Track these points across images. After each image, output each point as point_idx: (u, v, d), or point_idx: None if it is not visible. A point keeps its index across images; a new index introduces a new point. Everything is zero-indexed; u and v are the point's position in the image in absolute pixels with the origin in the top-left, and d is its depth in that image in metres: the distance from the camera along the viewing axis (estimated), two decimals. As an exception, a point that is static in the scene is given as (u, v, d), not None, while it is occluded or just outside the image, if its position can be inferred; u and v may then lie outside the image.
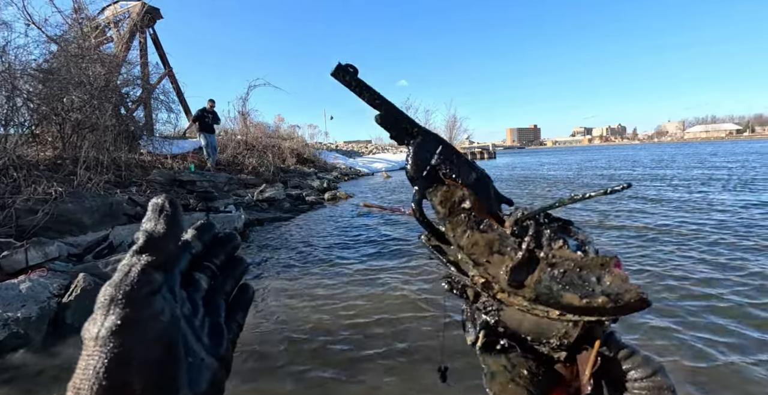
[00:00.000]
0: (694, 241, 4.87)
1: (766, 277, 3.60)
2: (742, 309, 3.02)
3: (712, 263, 4.08)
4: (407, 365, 2.52)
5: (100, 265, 3.82)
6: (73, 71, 6.67)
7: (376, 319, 3.20)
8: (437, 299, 3.50)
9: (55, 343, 2.93)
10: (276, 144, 15.88)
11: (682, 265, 4.05)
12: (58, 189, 4.58)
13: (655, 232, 5.41)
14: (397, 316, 3.24)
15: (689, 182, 10.80)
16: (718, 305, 3.12)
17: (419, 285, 3.87)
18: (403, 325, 3.08)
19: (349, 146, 34.59)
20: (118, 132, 7.70)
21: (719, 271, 3.83)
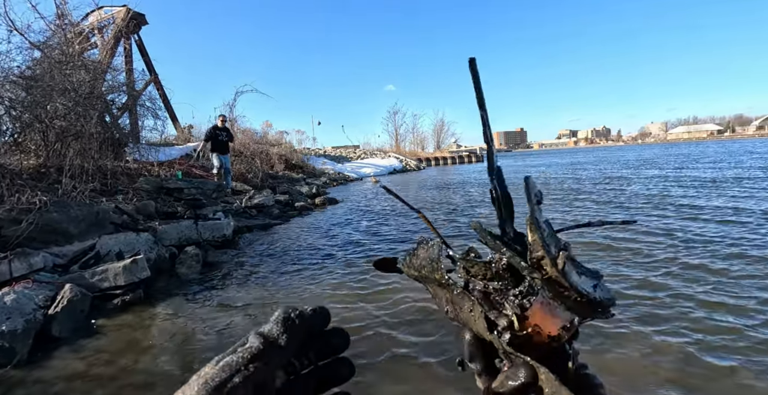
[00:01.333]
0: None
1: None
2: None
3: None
4: (409, 368, 2.51)
5: (87, 275, 3.75)
6: (57, 78, 6.57)
7: (370, 323, 3.18)
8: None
9: (42, 357, 2.86)
10: (264, 150, 15.83)
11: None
12: (42, 198, 4.49)
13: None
14: (396, 320, 3.22)
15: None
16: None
17: (411, 285, 3.86)
18: (403, 327, 3.06)
19: (338, 151, 34.49)
20: (104, 140, 7.59)
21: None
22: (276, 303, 3.75)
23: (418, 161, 34.09)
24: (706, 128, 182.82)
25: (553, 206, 8.27)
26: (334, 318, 0.41)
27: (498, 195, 0.48)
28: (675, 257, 4.30)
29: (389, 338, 2.94)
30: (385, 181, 20.52)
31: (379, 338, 2.94)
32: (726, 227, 5.47)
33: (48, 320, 3.12)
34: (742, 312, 2.97)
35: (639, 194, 9.15)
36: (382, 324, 3.18)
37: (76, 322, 3.30)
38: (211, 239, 5.63)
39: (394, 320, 3.24)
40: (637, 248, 4.74)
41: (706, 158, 22.91)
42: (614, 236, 5.26)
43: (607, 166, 21.70)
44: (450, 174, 23.95)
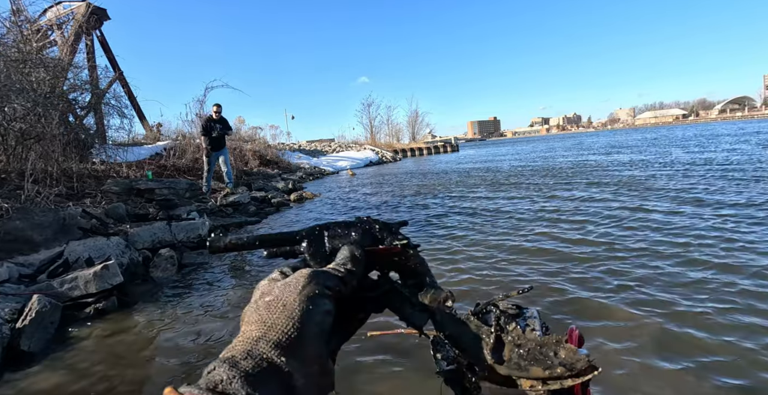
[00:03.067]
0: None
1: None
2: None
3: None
4: (399, 374, 2.48)
5: (56, 284, 3.59)
6: (13, 78, 6.24)
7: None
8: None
9: (11, 373, 2.72)
10: (237, 147, 15.52)
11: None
12: (3, 205, 4.28)
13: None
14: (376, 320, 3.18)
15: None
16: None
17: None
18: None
19: (312, 145, 34.17)
20: (68, 141, 7.31)
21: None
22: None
23: (394, 152, 34.02)
24: (672, 113, 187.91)
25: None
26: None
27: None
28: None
29: (382, 343, 2.90)
30: (362, 173, 20.42)
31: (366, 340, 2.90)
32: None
33: (16, 334, 2.98)
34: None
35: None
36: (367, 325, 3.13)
37: (46, 334, 3.16)
38: (186, 240, 5.48)
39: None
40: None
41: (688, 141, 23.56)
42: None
43: (579, 153, 22.09)
44: (427, 164, 24.00)
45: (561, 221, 5.78)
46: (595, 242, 4.58)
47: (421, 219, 6.72)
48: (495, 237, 5.19)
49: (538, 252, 4.44)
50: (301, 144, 33.30)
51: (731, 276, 3.33)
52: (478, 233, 5.47)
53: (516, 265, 4.10)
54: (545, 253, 4.39)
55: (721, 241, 4.20)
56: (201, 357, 2.78)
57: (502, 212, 6.77)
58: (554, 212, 6.40)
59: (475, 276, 3.87)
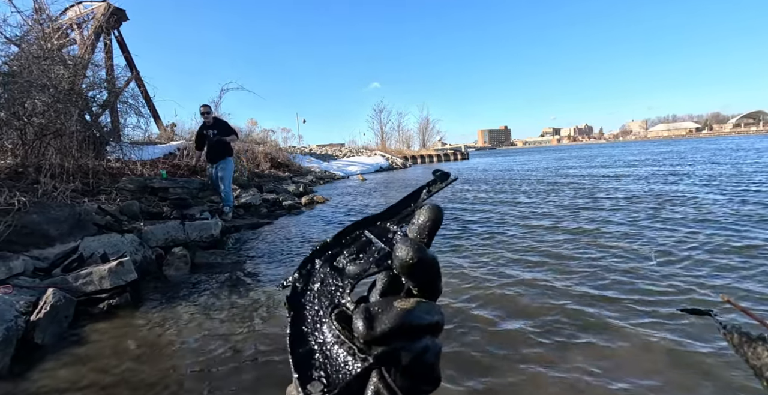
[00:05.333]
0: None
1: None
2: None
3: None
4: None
5: (71, 279, 3.59)
6: (35, 73, 6.32)
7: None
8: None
9: (25, 366, 2.72)
10: (249, 149, 15.60)
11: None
12: (21, 199, 4.31)
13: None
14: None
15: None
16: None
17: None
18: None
19: (323, 149, 34.29)
20: (84, 138, 7.36)
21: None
22: (265, 305, 3.64)
23: (404, 159, 34.03)
24: (685, 126, 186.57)
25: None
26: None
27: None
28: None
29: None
30: (372, 179, 20.42)
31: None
32: None
33: (30, 327, 2.98)
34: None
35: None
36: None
37: (60, 328, 3.16)
38: (199, 239, 5.49)
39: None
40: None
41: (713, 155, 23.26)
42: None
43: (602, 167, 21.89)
44: (436, 172, 23.87)
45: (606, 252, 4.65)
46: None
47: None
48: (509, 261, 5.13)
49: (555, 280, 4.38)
50: (312, 148, 33.43)
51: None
52: (490, 254, 5.41)
53: (526, 286, 4.04)
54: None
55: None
56: (211, 355, 2.77)
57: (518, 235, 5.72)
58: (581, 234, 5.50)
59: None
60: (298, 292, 0.38)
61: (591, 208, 7.21)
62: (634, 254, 4.42)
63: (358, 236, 0.42)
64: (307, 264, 0.40)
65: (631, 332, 2.75)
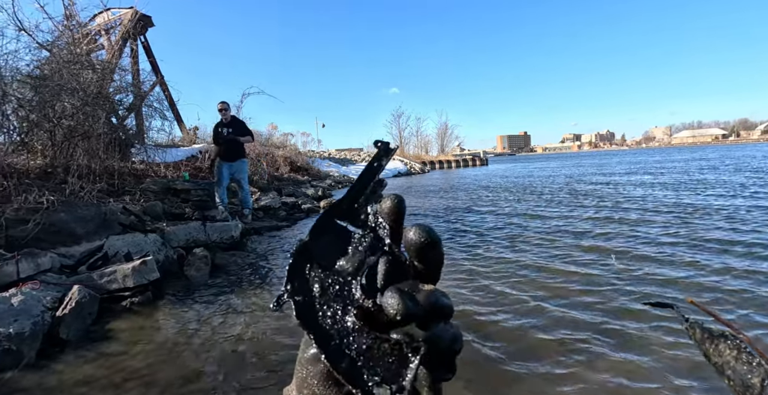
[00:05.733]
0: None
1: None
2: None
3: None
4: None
5: (95, 276, 3.67)
6: (65, 77, 6.52)
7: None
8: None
9: (49, 360, 2.78)
10: (269, 152, 15.78)
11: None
12: (50, 198, 4.42)
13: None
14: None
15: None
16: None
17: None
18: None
19: (342, 154, 34.48)
20: (110, 140, 7.54)
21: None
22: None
23: (423, 164, 34.02)
24: (711, 133, 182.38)
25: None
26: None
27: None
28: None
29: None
30: (391, 184, 20.42)
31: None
32: None
33: (56, 322, 3.04)
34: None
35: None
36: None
37: (84, 324, 3.22)
38: (219, 241, 5.55)
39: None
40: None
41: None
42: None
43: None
44: (455, 178, 23.84)
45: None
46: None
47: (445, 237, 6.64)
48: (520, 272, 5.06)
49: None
50: (330, 152, 33.64)
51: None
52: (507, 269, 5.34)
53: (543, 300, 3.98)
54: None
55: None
56: (227, 354, 2.79)
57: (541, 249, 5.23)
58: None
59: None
60: (303, 308, 0.36)
61: (617, 219, 6.75)
62: (664, 265, 4.32)
63: (335, 227, 0.40)
64: (295, 273, 0.38)
65: (659, 348, 2.68)
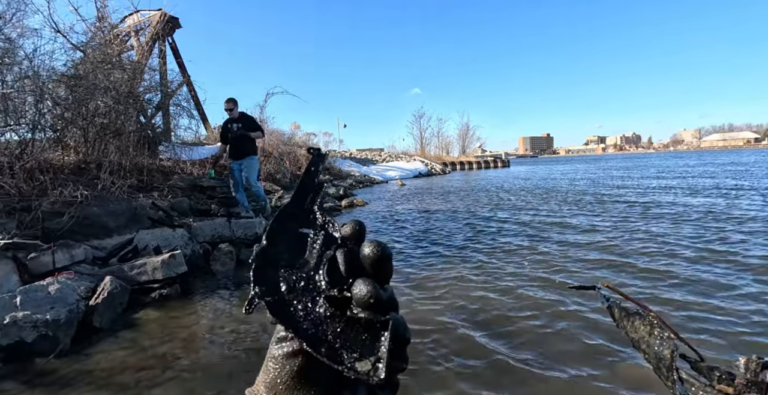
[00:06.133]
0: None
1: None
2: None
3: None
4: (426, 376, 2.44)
5: (126, 268, 3.80)
6: (99, 77, 6.74)
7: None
8: (442, 318, 3.42)
9: (83, 346, 2.90)
10: (292, 151, 15.96)
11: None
12: (83, 192, 4.59)
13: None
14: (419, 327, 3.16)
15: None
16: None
17: (438, 293, 3.79)
18: (423, 333, 2.99)
19: (363, 154, 34.61)
20: (139, 138, 7.75)
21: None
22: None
23: (444, 165, 33.91)
24: (743, 136, 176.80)
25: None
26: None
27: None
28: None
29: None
30: (411, 184, 20.44)
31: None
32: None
33: (89, 310, 3.17)
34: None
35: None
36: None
37: (115, 314, 3.34)
38: (244, 237, 5.66)
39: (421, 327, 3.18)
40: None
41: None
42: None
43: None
44: (476, 179, 23.70)
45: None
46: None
47: (462, 240, 6.62)
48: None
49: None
50: (351, 152, 33.79)
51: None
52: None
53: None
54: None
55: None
56: (248, 344, 2.88)
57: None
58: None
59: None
60: (275, 306, 0.37)
61: (645, 229, 6.20)
62: (699, 277, 4.22)
63: (288, 229, 0.43)
64: (260, 276, 0.39)
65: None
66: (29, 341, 2.74)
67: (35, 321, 2.79)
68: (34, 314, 2.82)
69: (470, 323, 3.13)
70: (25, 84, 5.86)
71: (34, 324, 2.78)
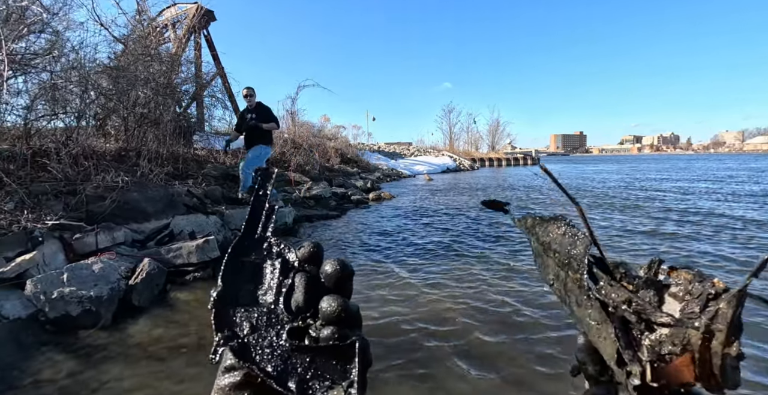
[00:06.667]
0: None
1: None
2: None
3: None
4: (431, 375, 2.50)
5: (163, 251, 3.99)
6: (140, 68, 7.01)
7: (408, 327, 3.19)
8: (473, 308, 3.46)
9: (123, 322, 3.08)
10: (321, 143, 16.16)
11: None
12: (124, 178, 4.82)
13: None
14: (429, 325, 3.21)
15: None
16: None
17: (457, 292, 3.83)
18: (437, 333, 3.05)
19: (391, 147, 34.65)
20: (175, 127, 8.02)
21: None
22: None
23: (472, 161, 33.66)
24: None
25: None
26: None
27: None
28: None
29: (419, 345, 2.95)
30: (438, 179, 20.40)
31: (409, 345, 2.96)
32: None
33: (129, 289, 3.35)
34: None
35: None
36: (419, 329, 3.18)
37: (152, 294, 3.52)
38: (273, 226, 5.81)
39: (429, 325, 3.23)
40: None
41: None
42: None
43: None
44: (504, 175, 23.47)
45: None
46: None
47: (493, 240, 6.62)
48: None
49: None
50: (380, 145, 33.87)
51: None
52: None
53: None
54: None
55: None
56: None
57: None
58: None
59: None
60: (242, 350, 0.38)
61: (682, 234, 5.97)
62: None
63: (243, 264, 0.44)
64: (220, 321, 0.40)
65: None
66: (74, 315, 2.93)
67: (80, 297, 2.98)
68: (80, 290, 3.02)
69: (487, 324, 3.18)
70: (72, 75, 6.15)
71: (79, 300, 2.97)
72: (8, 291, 3.01)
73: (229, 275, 0.43)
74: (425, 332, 2.94)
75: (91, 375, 2.38)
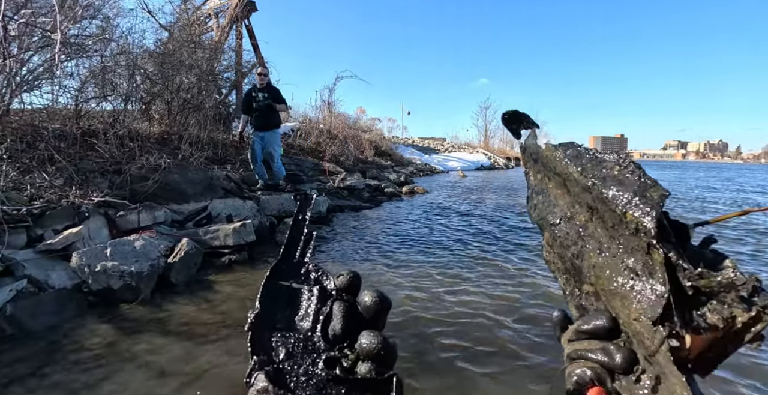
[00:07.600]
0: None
1: None
2: None
3: None
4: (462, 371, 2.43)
5: (200, 233, 4.07)
6: (184, 55, 7.17)
7: (435, 325, 3.13)
8: (504, 305, 3.38)
9: (160, 298, 3.15)
10: (356, 135, 16.19)
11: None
12: (167, 161, 4.94)
13: None
14: (459, 322, 3.15)
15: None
16: None
17: (490, 290, 3.75)
18: (470, 330, 2.99)
19: (425, 142, 34.42)
20: (215, 113, 8.18)
21: None
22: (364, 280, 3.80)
23: (507, 159, 33.08)
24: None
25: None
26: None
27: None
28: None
29: (450, 342, 2.88)
30: (471, 176, 20.16)
31: (438, 341, 2.90)
32: None
33: (167, 267, 3.43)
34: None
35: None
36: (448, 327, 3.12)
37: (189, 273, 3.59)
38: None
39: (459, 322, 3.17)
40: None
41: None
42: None
43: None
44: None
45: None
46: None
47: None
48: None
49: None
50: (414, 140, 33.71)
51: None
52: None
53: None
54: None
55: None
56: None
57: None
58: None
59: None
60: (277, 375, 0.37)
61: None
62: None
63: (282, 289, 0.43)
64: (257, 345, 0.39)
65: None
66: (115, 288, 3.01)
67: (122, 271, 3.06)
68: (122, 265, 3.10)
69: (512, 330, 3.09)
70: (120, 59, 6.34)
71: (121, 274, 3.05)
72: (55, 262, 3.12)
73: (267, 299, 0.42)
74: (452, 332, 2.88)
75: (127, 346, 2.44)
